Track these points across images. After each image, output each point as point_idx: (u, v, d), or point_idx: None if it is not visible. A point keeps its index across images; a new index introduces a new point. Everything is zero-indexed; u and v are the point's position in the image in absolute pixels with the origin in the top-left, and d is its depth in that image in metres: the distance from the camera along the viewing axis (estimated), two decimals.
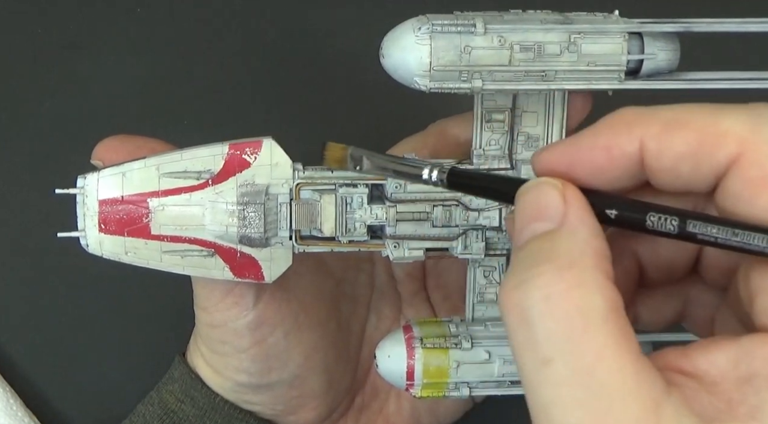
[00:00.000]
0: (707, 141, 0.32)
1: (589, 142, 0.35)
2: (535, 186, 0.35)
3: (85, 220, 0.44)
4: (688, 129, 0.33)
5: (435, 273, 0.55)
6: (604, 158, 0.34)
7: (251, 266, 0.45)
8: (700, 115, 0.33)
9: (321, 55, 0.61)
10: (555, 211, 0.34)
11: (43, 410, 0.61)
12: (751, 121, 0.32)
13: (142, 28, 0.62)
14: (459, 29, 0.43)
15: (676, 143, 0.33)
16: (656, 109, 0.34)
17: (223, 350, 0.50)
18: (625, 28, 0.44)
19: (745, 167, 0.32)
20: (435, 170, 0.39)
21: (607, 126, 0.34)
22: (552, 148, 0.36)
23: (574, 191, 0.34)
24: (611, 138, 0.34)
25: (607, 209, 0.35)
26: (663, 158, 0.33)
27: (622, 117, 0.34)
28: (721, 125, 0.32)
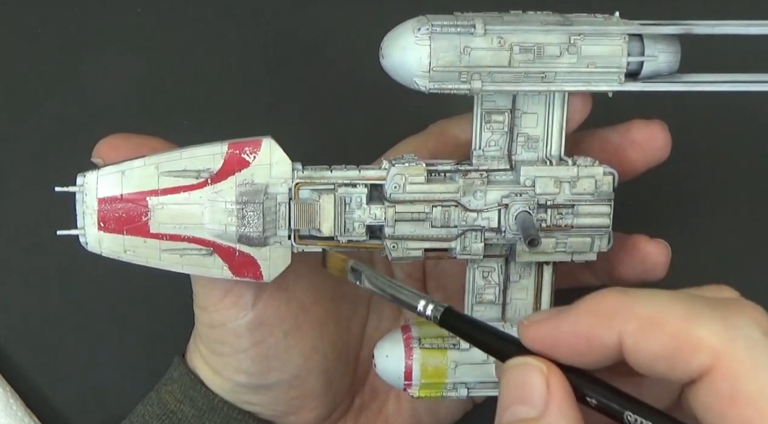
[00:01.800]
0: (681, 348, 0.33)
1: (571, 329, 0.35)
2: (522, 366, 0.36)
3: (84, 218, 0.44)
4: (664, 332, 0.33)
5: (435, 274, 0.55)
6: (585, 347, 0.35)
7: (250, 265, 0.45)
8: (676, 317, 0.33)
9: (321, 55, 0.61)
10: (538, 398, 0.35)
11: (43, 410, 0.61)
12: (726, 333, 0.33)
13: (142, 28, 0.62)
14: (459, 30, 0.43)
15: (652, 344, 0.33)
16: (637, 299, 0.34)
17: (223, 350, 0.49)
18: (625, 30, 0.44)
19: (716, 381, 0.32)
20: (430, 306, 0.40)
21: (589, 313, 0.35)
22: (537, 323, 0.36)
23: (558, 378, 0.35)
24: (591, 329, 0.35)
25: (587, 397, 0.35)
26: (640, 356, 0.34)
27: (604, 306, 0.35)
28: (695, 333, 0.33)
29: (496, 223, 0.46)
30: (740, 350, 0.32)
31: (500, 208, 0.45)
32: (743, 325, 0.33)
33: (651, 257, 0.49)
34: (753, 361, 0.32)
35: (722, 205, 0.61)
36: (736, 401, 0.32)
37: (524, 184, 0.45)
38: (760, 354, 0.32)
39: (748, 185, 0.61)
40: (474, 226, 0.46)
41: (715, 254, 0.61)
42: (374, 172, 0.45)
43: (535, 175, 0.45)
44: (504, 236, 0.46)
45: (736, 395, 0.32)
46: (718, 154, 0.61)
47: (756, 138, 0.61)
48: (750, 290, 0.60)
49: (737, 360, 0.32)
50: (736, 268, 0.61)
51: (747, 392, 0.32)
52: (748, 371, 0.32)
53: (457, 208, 0.45)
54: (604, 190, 0.46)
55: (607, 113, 0.47)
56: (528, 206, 0.45)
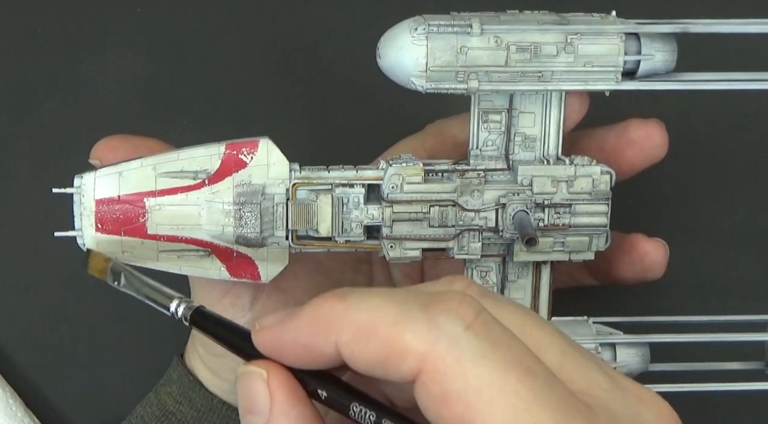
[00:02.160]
0: (391, 355, 0.33)
1: (291, 337, 0.35)
2: (245, 375, 0.36)
3: (81, 219, 0.44)
4: (374, 340, 0.33)
5: (433, 274, 0.55)
6: (307, 356, 0.35)
7: (247, 265, 0.45)
8: (386, 323, 0.33)
9: (318, 56, 0.61)
10: (262, 405, 0.36)
11: (43, 410, 0.61)
12: (429, 335, 0.33)
13: (142, 28, 0.62)
14: (455, 30, 0.43)
15: (365, 353, 0.34)
16: (351, 305, 0.34)
17: (221, 351, 0.49)
18: (622, 29, 0.44)
19: (426, 383, 0.33)
20: (182, 306, 0.39)
21: (307, 322, 0.35)
22: (264, 330, 0.36)
23: (279, 381, 0.36)
24: (309, 339, 0.35)
25: (318, 389, 0.36)
26: (357, 363, 0.34)
27: (320, 315, 0.35)
28: (402, 339, 0.33)
29: (493, 222, 0.46)
30: (443, 350, 0.32)
31: (497, 207, 0.45)
32: (445, 321, 0.33)
33: (649, 256, 0.49)
34: (456, 358, 0.32)
35: (720, 204, 0.61)
36: (446, 401, 0.32)
37: (521, 183, 0.45)
38: (462, 350, 0.32)
39: (746, 184, 0.61)
40: (471, 226, 0.46)
41: (713, 253, 0.61)
42: (372, 173, 0.45)
43: (532, 175, 0.45)
44: (501, 236, 0.46)
45: (446, 395, 0.32)
46: (715, 152, 0.61)
47: (753, 137, 0.61)
48: (750, 290, 0.60)
49: (441, 360, 0.32)
50: (735, 267, 0.61)
51: (454, 389, 0.32)
52: (452, 368, 0.32)
53: (454, 208, 0.45)
54: (602, 190, 0.46)
55: (604, 112, 0.48)
56: (525, 206, 0.45)
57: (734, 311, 0.50)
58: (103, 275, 0.42)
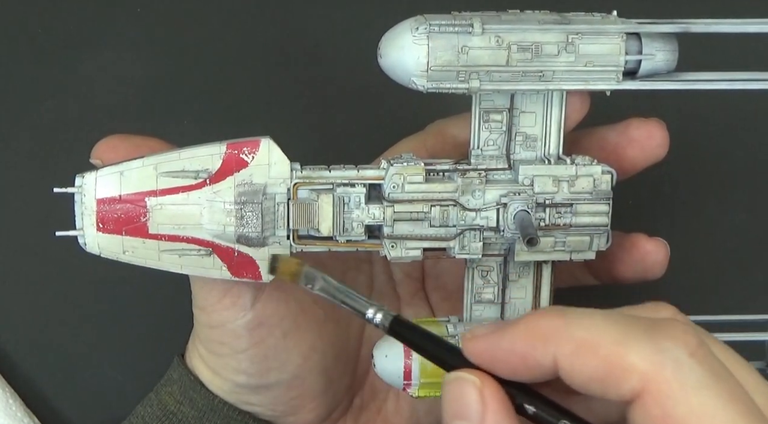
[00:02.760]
0: (613, 372, 0.34)
1: (508, 347, 0.36)
2: (457, 381, 0.37)
3: (83, 219, 0.44)
4: (596, 356, 0.34)
5: (434, 274, 0.55)
6: (521, 366, 0.36)
7: (249, 265, 0.45)
8: (609, 340, 0.34)
9: (319, 55, 0.61)
10: (474, 412, 0.36)
11: (43, 410, 0.61)
12: (654, 357, 0.33)
13: (142, 28, 0.62)
14: (456, 29, 0.43)
15: (585, 368, 0.34)
16: (572, 322, 0.35)
17: (222, 350, 0.49)
18: (623, 29, 0.44)
19: (647, 404, 0.33)
20: (379, 314, 0.40)
21: (526, 335, 0.36)
22: (478, 338, 0.37)
23: (493, 391, 0.36)
24: (527, 349, 0.36)
25: (526, 404, 0.37)
26: (574, 378, 0.35)
27: (540, 327, 0.36)
28: (626, 358, 0.34)
29: (494, 222, 0.46)
30: (668, 373, 0.33)
31: (499, 207, 0.45)
32: (671, 347, 0.34)
33: (650, 256, 0.49)
34: (680, 383, 0.33)
35: (721, 204, 0.61)
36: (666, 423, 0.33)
37: (523, 183, 0.45)
38: (687, 376, 0.33)
39: (747, 184, 0.61)
40: (472, 225, 0.46)
41: (713, 253, 0.61)
42: (373, 172, 0.45)
43: (533, 175, 0.45)
44: (503, 236, 0.46)
45: (666, 419, 0.33)
46: (716, 152, 0.61)
47: (754, 136, 0.61)
48: (750, 290, 0.60)
49: (665, 383, 0.33)
50: (735, 267, 0.61)
51: (676, 414, 0.33)
52: (677, 393, 0.33)
53: (455, 208, 0.45)
54: (603, 189, 0.46)
55: (605, 112, 0.48)
56: (526, 205, 0.45)
57: (734, 311, 0.50)
58: (296, 278, 0.43)
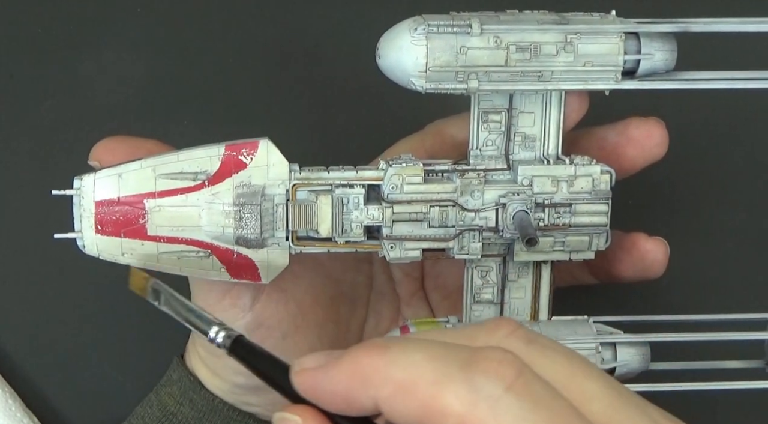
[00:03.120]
0: (430, 416, 0.33)
1: (330, 387, 0.35)
2: (280, 421, 0.36)
3: (81, 221, 0.44)
4: (414, 399, 0.33)
5: (433, 274, 0.55)
6: (345, 405, 0.35)
7: (248, 267, 0.45)
8: (426, 381, 0.33)
9: (318, 56, 0.61)
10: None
11: (43, 410, 0.61)
12: (469, 396, 0.32)
13: (142, 28, 0.62)
14: (455, 30, 0.43)
15: (404, 411, 0.33)
16: (391, 361, 0.34)
17: (221, 351, 0.49)
18: (621, 28, 0.44)
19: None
20: (221, 333, 0.39)
21: (347, 374, 0.34)
22: (303, 373, 0.36)
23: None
24: (348, 391, 0.34)
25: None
26: (395, 419, 0.34)
27: (360, 367, 0.34)
28: (441, 400, 0.32)
29: (493, 222, 0.46)
30: (482, 413, 0.32)
31: (498, 207, 0.45)
32: (485, 383, 0.32)
33: (649, 255, 0.49)
34: (495, 421, 0.32)
35: (720, 203, 0.61)
36: None
37: (522, 183, 0.45)
38: (503, 413, 0.32)
39: (746, 183, 0.61)
40: (472, 226, 0.46)
41: (713, 252, 0.61)
42: (371, 173, 0.45)
43: (532, 175, 0.45)
44: (502, 236, 0.46)
45: None
46: (715, 151, 0.60)
47: (753, 136, 0.61)
48: (750, 290, 0.60)
49: (481, 422, 0.32)
50: (735, 267, 0.61)
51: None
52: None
53: (454, 208, 0.45)
54: (602, 189, 0.46)
55: (604, 111, 0.47)
56: (525, 206, 0.45)
57: (734, 310, 0.50)
58: (144, 293, 0.42)
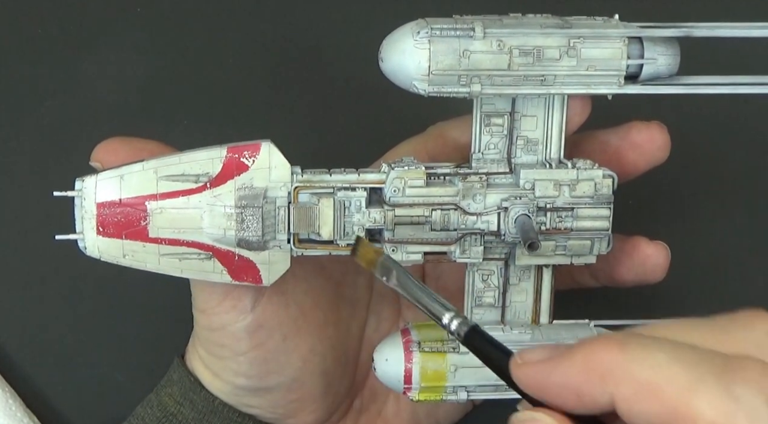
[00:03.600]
0: (677, 420, 0.31)
1: (561, 380, 0.34)
2: (529, 422, 0.34)
3: (83, 222, 0.44)
4: (659, 401, 0.31)
5: (434, 276, 0.55)
6: (574, 400, 0.34)
7: (249, 269, 0.45)
8: (675, 385, 0.31)
9: (320, 58, 0.61)
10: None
11: (43, 410, 0.61)
12: (727, 406, 0.31)
13: (142, 28, 0.62)
14: (458, 33, 0.43)
15: (646, 413, 0.32)
16: (633, 358, 0.32)
17: (222, 353, 0.49)
18: (624, 33, 0.44)
19: None
20: (456, 320, 0.38)
21: (581, 367, 0.33)
22: (528, 366, 0.35)
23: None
24: (582, 385, 0.33)
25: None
26: (634, 420, 0.32)
27: (596, 362, 0.33)
28: (693, 406, 0.31)
29: (495, 226, 0.46)
30: (740, 423, 0.30)
31: (500, 211, 0.45)
32: (745, 394, 0.31)
33: (651, 259, 0.49)
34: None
35: (721, 207, 0.61)
36: None
37: (524, 187, 0.45)
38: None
39: (747, 187, 0.61)
40: (473, 229, 0.46)
41: (714, 256, 0.61)
42: (373, 176, 0.45)
43: (534, 179, 0.45)
44: (503, 240, 0.46)
45: None
46: (717, 155, 0.60)
47: (755, 140, 0.61)
48: (750, 290, 0.60)
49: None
50: (735, 269, 0.61)
51: None
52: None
53: (456, 212, 0.45)
54: (604, 193, 0.45)
55: (607, 115, 0.47)
56: (527, 209, 0.45)
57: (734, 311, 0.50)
58: (371, 266, 0.42)
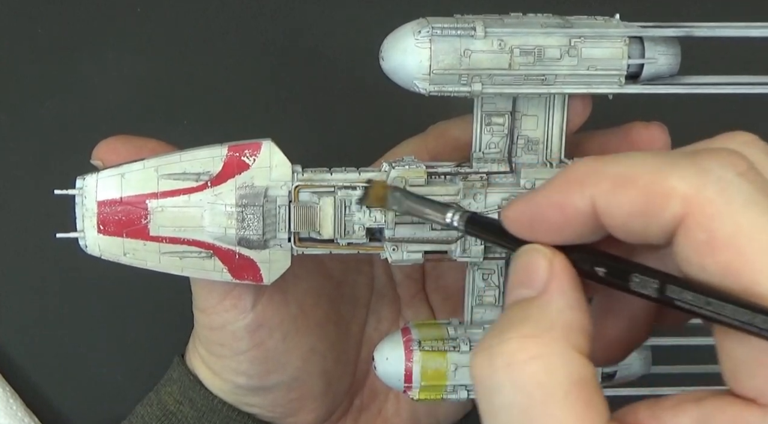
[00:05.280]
0: (653, 201, 0.31)
1: (544, 200, 0.34)
2: (526, 252, 0.35)
3: (83, 221, 0.44)
4: (635, 187, 0.32)
5: (434, 275, 0.55)
6: (560, 216, 0.34)
7: (250, 267, 0.45)
8: (648, 170, 0.32)
9: (321, 57, 0.61)
10: (539, 279, 0.34)
11: (43, 410, 0.61)
12: (697, 178, 0.31)
13: (142, 28, 0.62)
14: (459, 33, 0.43)
15: (624, 202, 0.32)
16: (608, 162, 0.33)
17: (222, 352, 0.49)
18: (625, 32, 0.44)
19: (690, 229, 0.30)
20: (457, 215, 0.39)
21: (561, 182, 0.34)
22: (513, 205, 0.35)
23: (562, 262, 0.34)
24: (564, 196, 0.33)
25: (596, 267, 0.34)
26: (614, 216, 0.32)
27: (575, 173, 0.33)
28: (666, 183, 0.31)
29: None
30: (712, 193, 0.30)
31: (500, 210, 0.45)
32: (715, 167, 0.30)
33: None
34: (726, 201, 0.30)
35: None
36: (712, 248, 0.30)
37: (524, 186, 0.45)
38: (734, 194, 0.30)
39: None
40: None
41: None
42: (374, 175, 0.45)
43: (535, 178, 0.45)
44: None
45: (712, 242, 0.30)
46: None
47: None
48: None
49: (709, 203, 0.30)
50: None
51: (722, 234, 0.30)
52: (722, 212, 0.30)
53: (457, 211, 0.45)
54: None
55: (607, 115, 0.47)
56: None
57: None
58: (382, 202, 0.43)
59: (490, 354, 0.32)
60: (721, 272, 0.30)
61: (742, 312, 0.30)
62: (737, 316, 0.30)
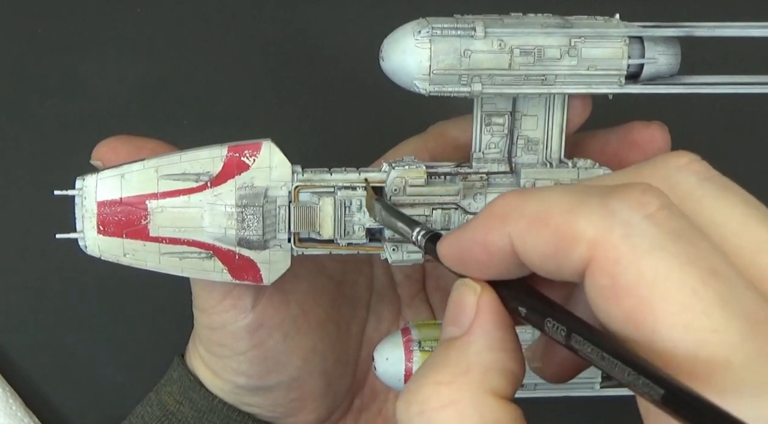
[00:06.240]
0: (562, 243, 0.31)
1: (469, 237, 0.34)
2: (457, 287, 0.35)
3: (83, 221, 0.44)
4: (547, 228, 0.31)
5: (434, 275, 0.55)
6: (484, 254, 0.33)
7: (249, 268, 0.45)
8: (560, 211, 0.31)
9: (321, 57, 0.61)
10: (466, 317, 0.34)
11: (43, 410, 0.61)
12: (603, 221, 0.30)
13: (142, 28, 0.62)
14: (459, 33, 0.43)
15: (537, 243, 0.32)
16: (528, 198, 0.32)
17: (222, 352, 0.49)
18: (625, 32, 0.44)
19: (595, 274, 0.30)
20: (420, 233, 0.39)
21: (484, 219, 0.33)
22: (445, 239, 0.35)
23: (488, 298, 0.34)
24: (485, 234, 0.33)
25: (519, 306, 0.34)
26: (530, 256, 0.32)
27: (497, 209, 0.33)
28: (574, 226, 0.31)
29: None
30: (616, 237, 0.30)
31: None
32: (622, 209, 0.30)
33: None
34: (630, 247, 0.29)
35: None
36: (615, 294, 0.29)
37: (524, 186, 0.45)
38: (638, 239, 0.29)
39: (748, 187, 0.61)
40: None
41: None
42: (374, 175, 0.45)
43: (535, 178, 0.45)
44: None
45: (615, 288, 0.29)
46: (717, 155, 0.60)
47: (756, 140, 0.61)
48: None
49: (613, 248, 0.29)
50: None
51: (625, 282, 0.29)
52: (625, 258, 0.29)
53: (457, 211, 0.45)
54: None
55: (607, 115, 0.47)
56: None
57: None
58: (371, 211, 0.43)
59: (407, 401, 0.32)
60: (624, 319, 0.30)
61: (629, 371, 0.29)
62: (625, 375, 0.29)
